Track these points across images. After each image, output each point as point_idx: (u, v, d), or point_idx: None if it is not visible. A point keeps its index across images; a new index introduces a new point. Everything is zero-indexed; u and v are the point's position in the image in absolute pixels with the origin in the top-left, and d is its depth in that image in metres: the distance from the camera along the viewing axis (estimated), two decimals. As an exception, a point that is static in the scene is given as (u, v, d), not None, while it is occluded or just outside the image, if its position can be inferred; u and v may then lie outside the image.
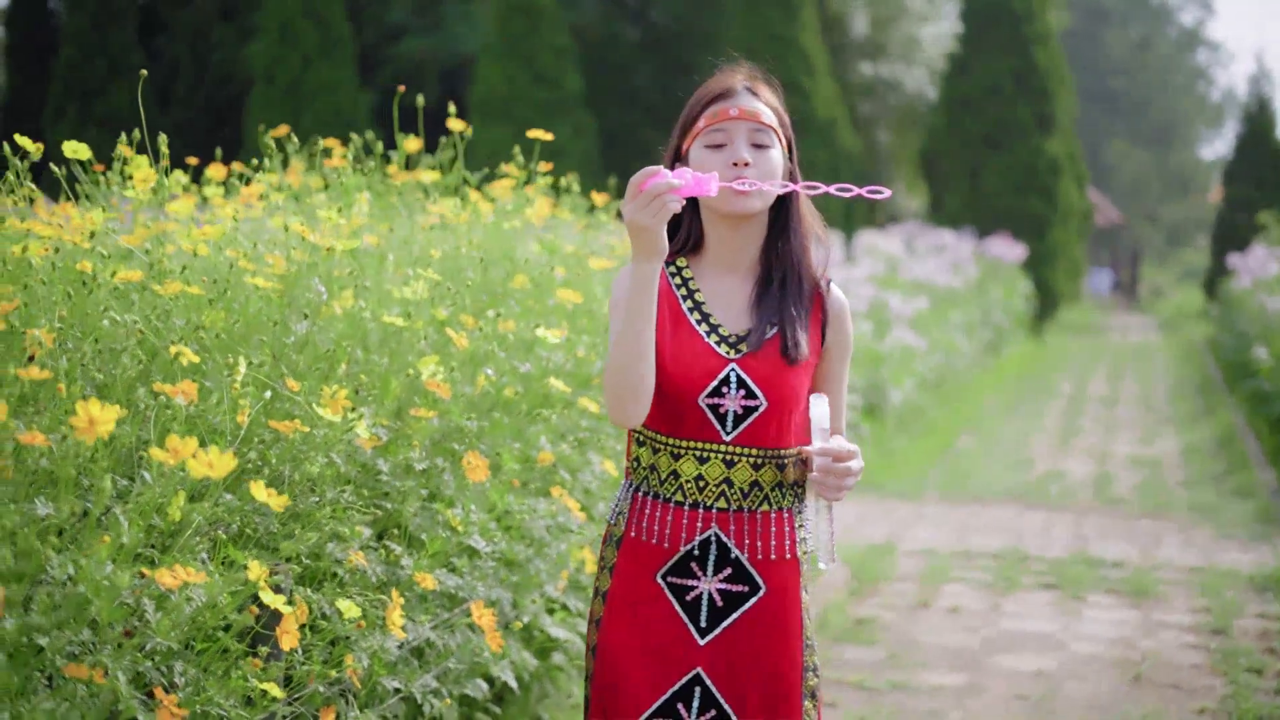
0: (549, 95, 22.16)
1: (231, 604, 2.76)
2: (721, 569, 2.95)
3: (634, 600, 2.97)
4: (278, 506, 2.58)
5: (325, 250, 3.54)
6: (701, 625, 2.96)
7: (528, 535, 4.20)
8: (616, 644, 2.97)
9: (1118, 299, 45.75)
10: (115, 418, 2.37)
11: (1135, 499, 10.31)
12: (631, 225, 2.72)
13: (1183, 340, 25.77)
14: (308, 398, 3.26)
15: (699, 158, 2.92)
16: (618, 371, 2.81)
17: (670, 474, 2.95)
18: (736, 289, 3.00)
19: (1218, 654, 6.23)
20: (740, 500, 2.95)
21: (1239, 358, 16.36)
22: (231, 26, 26.98)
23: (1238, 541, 8.68)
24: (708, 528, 2.94)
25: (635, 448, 3.03)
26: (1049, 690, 5.73)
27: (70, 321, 3.15)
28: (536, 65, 22.81)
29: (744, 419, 2.92)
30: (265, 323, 3.47)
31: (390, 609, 3.20)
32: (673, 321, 2.95)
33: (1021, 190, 25.33)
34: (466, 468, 3.51)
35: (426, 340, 3.90)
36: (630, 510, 3.00)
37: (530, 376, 4.12)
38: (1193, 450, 12.63)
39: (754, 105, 2.94)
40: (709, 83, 3.02)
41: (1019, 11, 25.70)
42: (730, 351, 2.93)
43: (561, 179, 6.18)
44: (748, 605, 2.96)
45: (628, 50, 28.13)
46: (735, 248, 2.99)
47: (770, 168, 2.91)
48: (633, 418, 2.85)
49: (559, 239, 4.99)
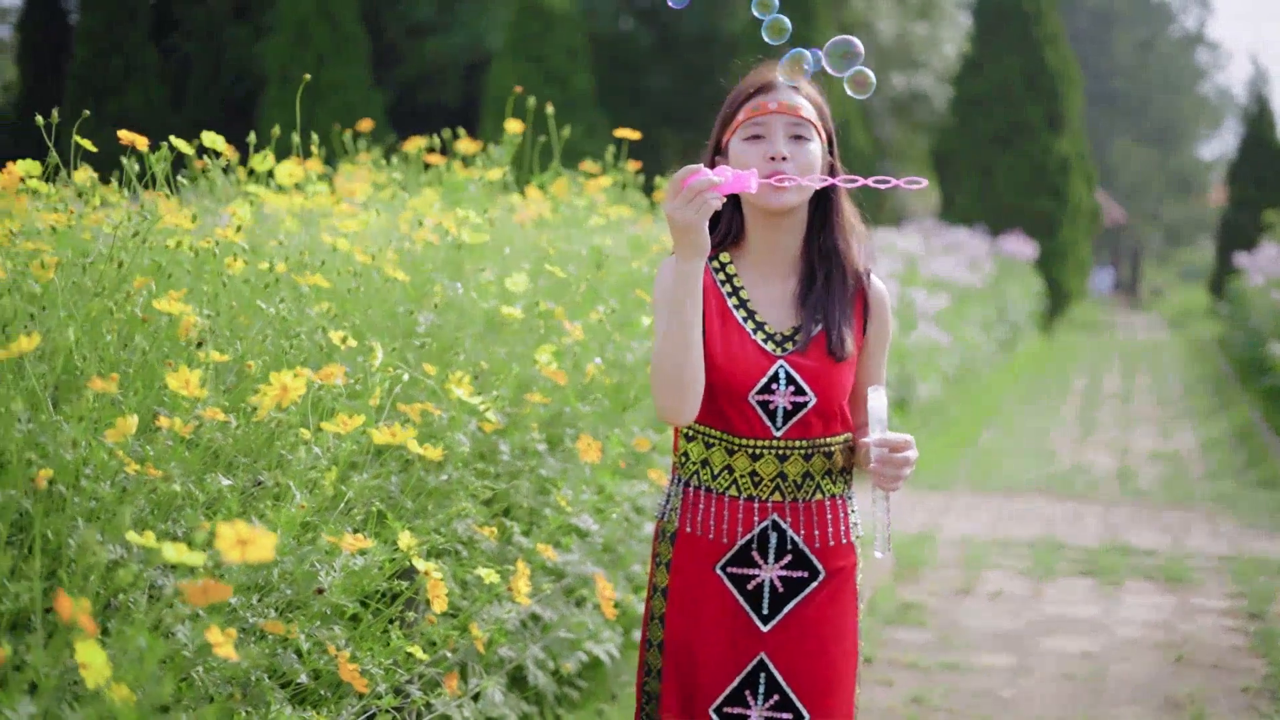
0: (561, 95, 22.34)
1: (389, 569, 2.97)
2: (782, 556, 2.99)
3: (694, 594, 3.00)
4: (434, 455, 2.78)
5: (456, 245, 3.73)
6: (764, 612, 2.99)
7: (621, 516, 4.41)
8: (683, 638, 3.00)
9: (1118, 298, 45.95)
10: (304, 385, 2.59)
11: (1160, 491, 10.52)
12: (673, 223, 2.73)
13: (1191, 337, 25.97)
14: (440, 382, 3.47)
15: (738, 151, 2.94)
16: (666, 369, 2.81)
17: (724, 469, 2.98)
18: (780, 285, 3.02)
19: (1255, 637, 6.43)
20: (795, 491, 2.98)
21: (1252, 354, 16.57)
22: (245, 25, 27.16)
23: (1265, 531, 8.88)
24: (765, 517, 2.98)
25: (684, 443, 3.05)
26: (1096, 670, 5.93)
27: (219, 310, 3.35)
28: (549, 65, 23.01)
29: (793, 414, 2.95)
30: (397, 312, 3.67)
31: (516, 578, 3.39)
32: (720, 319, 2.97)
33: (1032, 189, 25.55)
34: (581, 450, 3.71)
35: (535, 331, 4.10)
36: (682, 505, 3.03)
37: (633, 366, 4.33)
38: (1211, 444, 12.83)
39: (793, 99, 2.93)
40: (750, 76, 3.03)
41: (1029, 12, 25.92)
42: (778, 349, 2.96)
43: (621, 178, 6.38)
44: (808, 590, 3.00)
45: (641, 51, 28.33)
46: (777, 242, 3.01)
47: (808, 161, 2.91)
48: (683, 415, 2.85)
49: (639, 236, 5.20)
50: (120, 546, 2.42)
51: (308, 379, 2.59)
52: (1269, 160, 30.47)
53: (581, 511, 3.93)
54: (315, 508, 2.88)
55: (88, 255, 3.16)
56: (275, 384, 2.57)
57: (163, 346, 2.88)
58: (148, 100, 24.97)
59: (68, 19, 29.76)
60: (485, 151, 5.79)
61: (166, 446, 2.63)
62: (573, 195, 5.79)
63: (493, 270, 4.08)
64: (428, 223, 3.78)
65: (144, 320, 2.78)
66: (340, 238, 3.70)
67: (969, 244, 21.07)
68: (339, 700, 3.02)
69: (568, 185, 5.78)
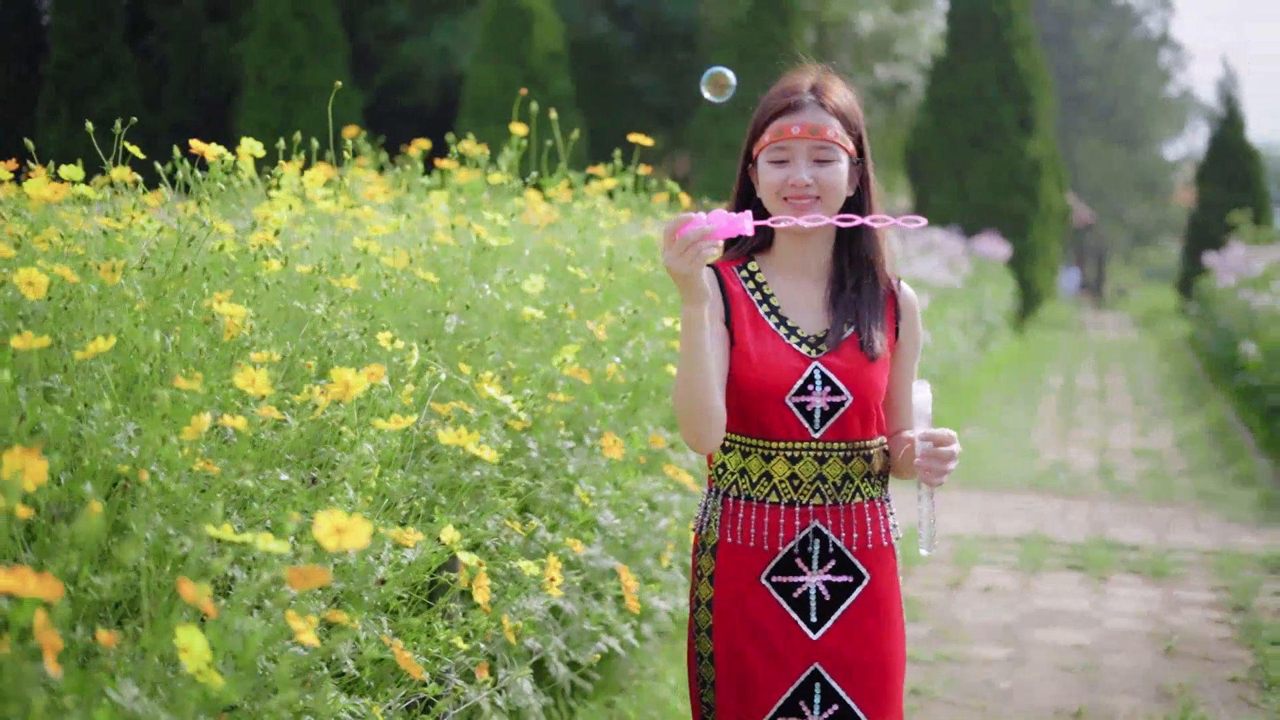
0: (543, 97, 22.43)
1: (435, 561, 3.08)
2: (826, 562, 2.99)
3: (741, 606, 2.99)
4: (492, 458, 2.90)
5: (481, 248, 3.84)
6: (812, 620, 2.98)
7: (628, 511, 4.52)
8: (734, 650, 2.99)
9: (1084, 297, 46.24)
10: (366, 383, 2.70)
11: (1142, 487, 10.70)
12: (671, 273, 2.71)
13: (1161, 336, 26.21)
14: (472, 382, 3.58)
15: (765, 172, 2.96)
16: (683, 401, 2.83)
17: (763, 475, 2.98)
18: (810, 291, 3.03)
19: (1241, 629, 6.59)
20: (835, 494, 2.98)
21: (1224, 353, 16.77)
22: (222, 26, 27.14)
23: (1246, 526, 9.06)
24: (806, 523, 2.98)
25: (720, 454, 3.05)
26: (1090, 662, 6.08)
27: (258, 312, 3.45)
28: (528, 67, 23.07)
29: (831, 415, 2.95)
30: (425, 314, 3.78)
31: (549, 570, 3.50)
32: (753, 326, 2.97)
33: (1005, 190, 25.75)
34: (605, 447, 3.82)
35: (554, 332, 4.21)
36: (722, 516, 3.03)
37: (649, 364, 4.44)
38: (1189, 441, 13.02)
39: (818, 120, 2.94)
40: (778, 87, 3.02)
41: (1000, 15, 26.12)
42: (811, 351, 2.96)
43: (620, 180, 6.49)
44: (854, 595, 3.00)
45: (619, 53, 28.42)
46: (806, 252, 3.02)
47: (832, 183, 2.92)
48: (706, 443, 2.87)
49: (650, 237, 5.31)
50: (190, 539, 2.52)
51: (367, 378, 2.70)
52: (1237, 161, 30.74)
53: (603, 507, 4.04)
54: (365, 504, 2.98)
55: (132, 258, 3.26)
56: (338, 381, 2.67)
57: (223, 348, 2.98)
58: (125, 101, 24.92)
59: (41, 20, 29.66)
60: (493, 158, 5.89)
61: (227, 444, 2.74)
62: (576, 199, 5.90)
63: (507, 272, 4.18)
64: (457, 226, 3.88)
65: (206, 322, 2.89)
66: (371, 241, 3.80)
67: (945, 244, 21.24)
68: (382, 689, 3.12)
69: (569, 188, 5.89)
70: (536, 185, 5.99)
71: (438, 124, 23.11)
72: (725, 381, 2.95)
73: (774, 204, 2.94)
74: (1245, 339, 14.54)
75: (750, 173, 3.04)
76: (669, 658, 5.45)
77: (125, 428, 2.47)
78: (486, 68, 22.93)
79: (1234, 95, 31.24)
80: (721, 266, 3.04)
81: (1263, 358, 13.36)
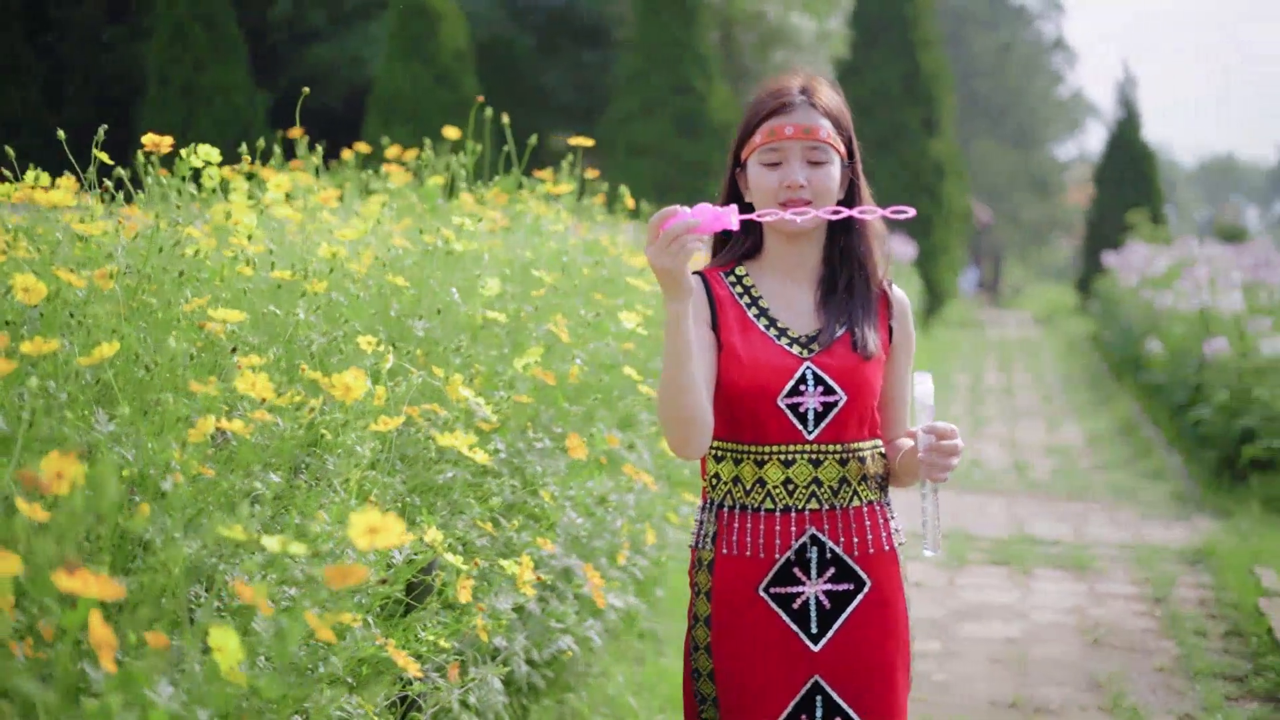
0: (451, 96, 22.38)
1: (421, 562, 3.13)
2: (825, 570, 2.91)
3: (738, 620, 2.92)
4: (484, 458, 2.95)
5: (447, 252, 3.90)
6: (813, 631, 2.91)
7: (590, 512, 4.59)
8: (733, 666, 2.93)
9: (982, 296, 46.84)
10: (364, 387, 2.75)
11: (1056, 483, 10.94)
12: (654, 267, 2.65)
13: (1062, 334, 26.65)
14: (445, 384, 3.63)
15: (756, 174, 2.90)
16: (665, 403, 2.76)
17: (756, 482, 2.91)
18: (800, 293, 2.97)
19: (1164, 620, 6.79)
20: (831, 498, 2.91)
21: (1128, 351, 17.09)
22: (122, 27, 26.83)
23: (1160, 520, 9.31)
24: (803, 531, 2.90)
25: (713, 464, 2.99)
26: (1020, 654, 6.24)
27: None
28: (437, 66, 23.01)
29: (825, 415, 2.89)
30: (390, 317, 3.83)
31: (522, 569, 3.56)
32: (742, 329, 2.91)
33: (910, 191, 26.00)
34: (570, 447, 3.88)
35: (515, 334, 4.27)
36: (717, 529, 2.95)
37: (608, 366, 4.51)
38: (1097, 438, 13.29)
39: (810, 120, 2.90)
40: (767, 88, 2.98)
41: (907, 17, 26.44)
42: (803, 351, 2.90)
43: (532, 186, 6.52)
44: (855, 603, 2.93)
45: (525, 51, 28.41)
46: (796, 255, 2.97)
47: (825, 185, 2.88)
48: (690, 448, 2.79)
49: (597, 241, 5.38)
50: (195, 540, 2.56)
51: (365, 382, 2.75)
52: (1134, 162, 31.27)
53: (566, 508, 4.11)
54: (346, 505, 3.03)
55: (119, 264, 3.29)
56: (338, 385, 2.72)
57: (209, 353, 3.02)
58: (25, 101, 24.55)
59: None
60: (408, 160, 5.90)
61: (225, 447, 2.78)
62: (513, 202, 5.94)
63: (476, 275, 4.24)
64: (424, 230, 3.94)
65: (201, 327, 2.92)
66: (340, 246, 3.84)
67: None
68: (367, 688, 3.17)
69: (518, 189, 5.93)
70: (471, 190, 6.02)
71: (345, 125, 22.96)
72: (713, 388, 2.89)
73: (767, 208, 2.87)
74: (1149, 337, 14.84)
75: (739, 177, 2.98)
76: (615, 656, 5.52)
77: (139, 433, 2.51)
78: (394, 67, 22.82)
79: (1131, 97, 31.78)
80: (708, 273, 2.99)
81: (1168, 355, 13.66)
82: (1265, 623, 6.34)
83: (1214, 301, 12.85)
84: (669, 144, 23.41)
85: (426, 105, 22.08)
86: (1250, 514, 8.98)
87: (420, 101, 22.34)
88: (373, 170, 5.80)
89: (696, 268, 3.02)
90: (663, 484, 5.66)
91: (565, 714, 5.00)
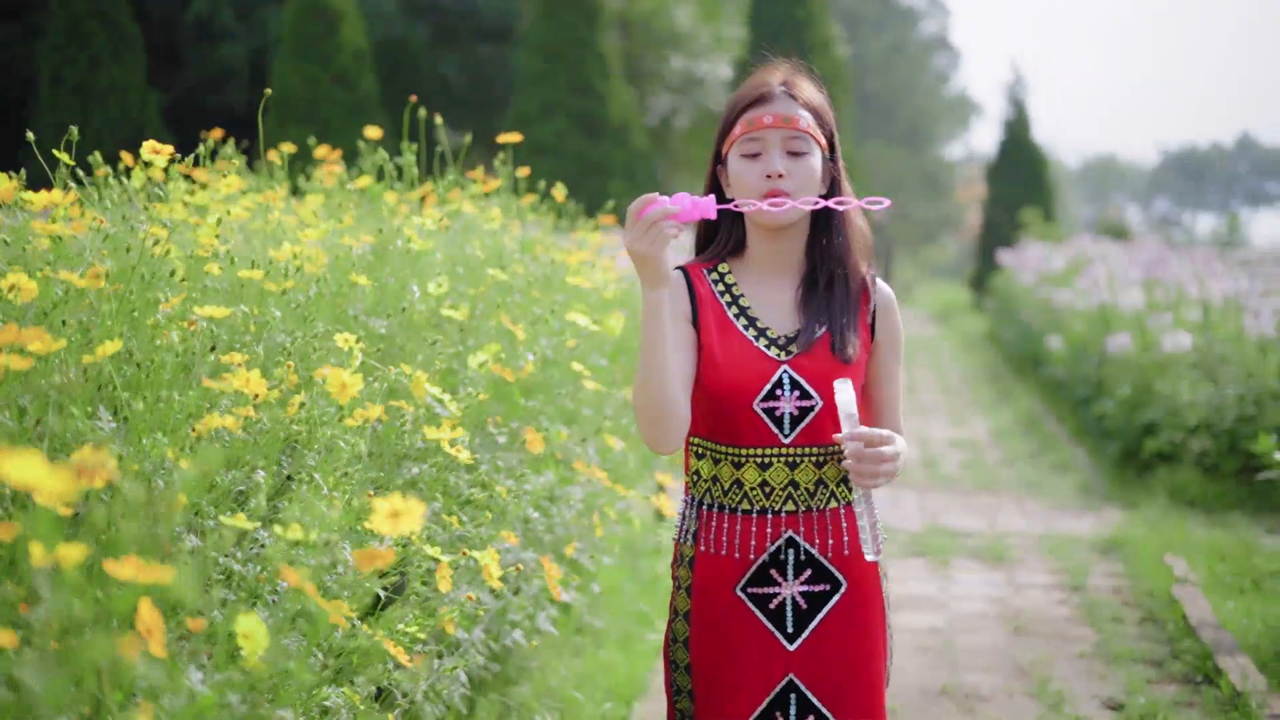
0: (349, 97, 22.30)
1: (402, 554, 3.19)
2: (802, 572, 2.92)
3: (716, 617, 2.95)
4: (468, 460, 3.02)
5: (405, 251, 3.95)
6: (788, 631, 2.93)
7: (539, 506, 4.66)
8: (708, 662, 2.96)
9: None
10: (361, 384, 2.81)
11: (965, 477, 11.15)
12: (632, 254, 2.66)
13: (959, 332, 26.99)
14: (412, 381, 3.69)
15: (737, 167, 2.89)
16: (642, 393, 2.76)
17: (734, 483, 2.92)
18: (782, 291, 2.96)
19: (1082, 608, 6.97)
20: (808, 500, 2.91)
21: (1027, 347, 17.38)
22: (14, 25, 26.40)
23: (1069, 511, 9.54)
24: (779, 534, 2.92)
25: (694, 461, 3.00)
26: (946, 643, 6.38)
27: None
28: (335, 66, 22.88)
29: (801, 420, 2.89)
30: (347, 316, 3.88)
31: (490, 562, 3.62)
32: (720, 330, 2.91)
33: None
34: (528, 441, 3.96)
35: (464, 331, 4.33)
36: (699, 526, 2.97)
37: (554, 362, 4.59)
38: (1002, 432, 13.54)
39: (790, 111, 2.88)
40: (747, 82, 2.97)
41: (801, 19, 26.67)
42: (780, 354, 2.89)
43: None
44: (831, 604, 2.94)
45: (423, 48, 28.33)
46: (778, 251, 2.96)
47: (807, 176, 2.86)
48: (665, 441, 2.80)
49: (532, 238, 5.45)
50: (191, 530, 2.61)
51: (361, 379, 2.81)
52: (1026, 161, 31.72)
53: (524, 503, 4.17)
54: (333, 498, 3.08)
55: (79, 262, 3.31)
56: (333, 382, 2.78)
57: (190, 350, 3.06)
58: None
59: None
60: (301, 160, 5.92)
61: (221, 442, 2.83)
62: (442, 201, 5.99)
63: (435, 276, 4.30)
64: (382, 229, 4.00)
65: (190, 325, 2.96)
66: (303, 246, 3.89)
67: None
68: (348, 679, 3.22)
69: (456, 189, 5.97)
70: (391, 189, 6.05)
71: (244, 124, 22.76)
72: (691, 384, 2.89)
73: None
74: (1049, 334, 15.12)
75: (720, 174, 2.98)
76: (554, 650, 5.59)
77: (138, 430, 2.55)
78: (291, 66, 22.66)
79: (1022, 98, 32.23)
80: (691, 269, 2.99)
81: (1069, 352, 13.95)
82: (1179, 609, 6.55)
83: (1114, 299, 13.13)
84: (569, 144, 23.48)
85: (324, 105, 21.97)
86: (1156, 504, 9.22)
87: (318, 102, 22.21)
88: (302, 172, 5.83)
89: (678, 262, 3.04)
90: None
91: (512, 706, 5.06)
